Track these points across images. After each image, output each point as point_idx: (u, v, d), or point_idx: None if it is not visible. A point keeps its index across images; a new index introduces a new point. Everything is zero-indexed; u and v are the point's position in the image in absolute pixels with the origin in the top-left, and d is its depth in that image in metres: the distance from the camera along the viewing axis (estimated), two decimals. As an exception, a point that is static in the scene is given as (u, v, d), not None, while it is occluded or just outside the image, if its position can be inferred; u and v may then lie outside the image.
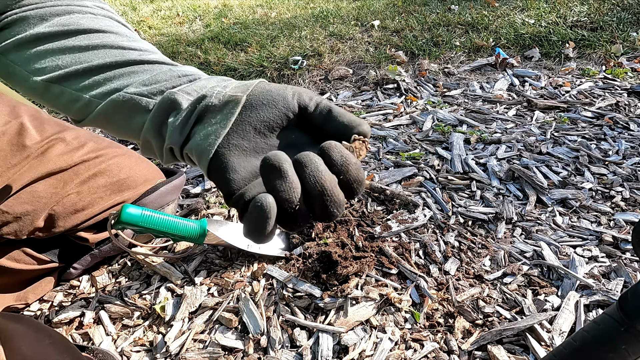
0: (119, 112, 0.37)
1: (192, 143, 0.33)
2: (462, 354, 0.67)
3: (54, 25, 0.41)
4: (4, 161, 0.67)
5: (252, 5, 2.71)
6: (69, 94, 0.39)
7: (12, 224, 0.70)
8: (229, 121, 0.32)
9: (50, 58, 0.40)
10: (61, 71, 0.39)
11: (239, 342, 0.70)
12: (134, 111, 0.36)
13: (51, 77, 0.39)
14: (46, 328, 0.58)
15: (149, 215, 0.75)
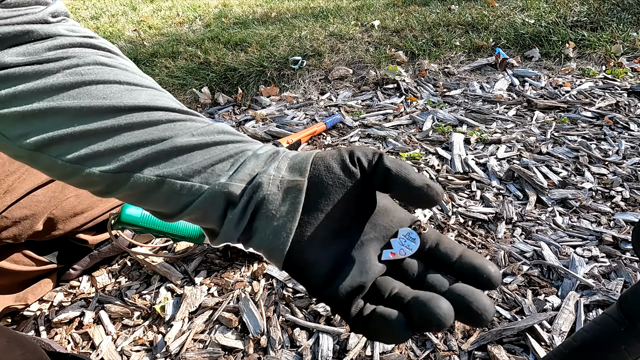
0: (143, 194, 0.30)
1: (258, 240, 0.29)
2: (462, 354, 0.67)
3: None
4: (2, 168, 0.67)
5: (252, 5, 2.71)
6: (62, 166, 0.29)
7: (11, 228, 0.70)
8: (296, 212, 0.28)
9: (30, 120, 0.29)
10: (46, 135, 0.29)
11: (239, 342, 0.70)
12: (166, 196, 0.29)
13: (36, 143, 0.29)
14: (20, 337, 0.56)
15: (148, 215, 0.75)
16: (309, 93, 1.60)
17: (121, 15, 2.83)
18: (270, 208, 0.28)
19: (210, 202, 0.29)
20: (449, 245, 0.28)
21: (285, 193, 0.28)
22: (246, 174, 0.29)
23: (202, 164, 0.29)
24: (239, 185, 0.29)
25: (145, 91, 0.32)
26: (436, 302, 0.23)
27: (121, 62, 0.35)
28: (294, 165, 0.30)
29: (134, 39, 2.27)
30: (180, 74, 1.73)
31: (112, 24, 2.63)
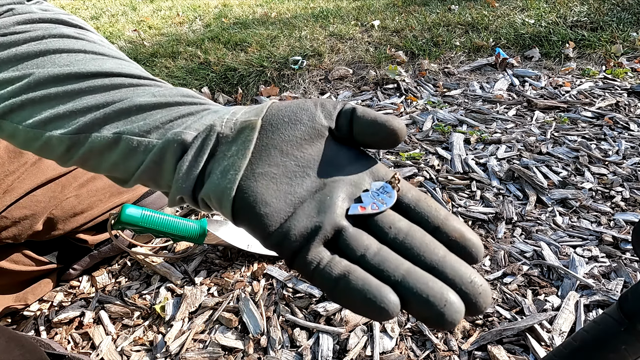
0: (101, 154, 0.28)
1: (208, 186, 0.26)
2: (462, 354, 0.67)
3: None
4: (1, 168, 0.67)
5: (252, 5, 2.71)
6: (23, 132, 0.29)
7: (10, 228, 0.70)
8: (247, 150, 0.26)
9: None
10: (8, 102, 0.29)
11: (239, 342, 0.70)
12: (123, 154, 0.28)
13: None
14: (19, 337, 0.56)
15: (148, 215, 0.75)
16: (309, 93, 1.60)
17: (121, 15, 2.83)
18: (222, 149, 0.26)
19: (164, 152, 0.27)
20: (430, 206, 0.24)
21: (237, 133, 0.27)
22: (202, 124, 0.27)
23: (161, 120, 0.28)
24: (192, 134, 0.27)
25: (112, 60, 0.32)
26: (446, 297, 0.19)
27: (91, 37, 0.35)
28: (251, 109, 0.28)
29: (134, 39, 2.27)
30: (180, 74, 1.73)
31: (112, 24, 2.63)
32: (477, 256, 0.23)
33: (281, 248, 0.23)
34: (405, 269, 0.21)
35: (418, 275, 0.21)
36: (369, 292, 0.20)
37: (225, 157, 0.26)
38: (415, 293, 0.20)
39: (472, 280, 0.21)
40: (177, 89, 0.30)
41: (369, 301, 0.20)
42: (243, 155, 0.25)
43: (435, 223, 0.23)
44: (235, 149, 0.26)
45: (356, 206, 0.24)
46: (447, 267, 0.21)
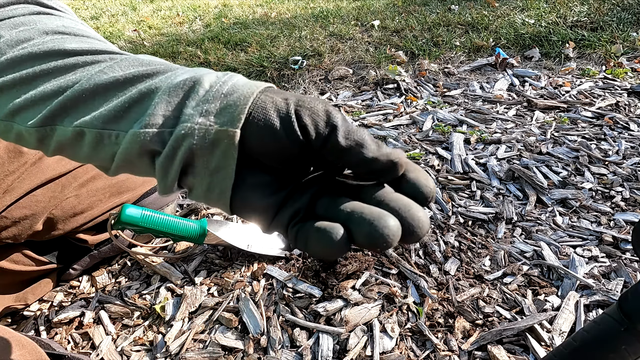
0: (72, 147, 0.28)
1: (196, 197, 0.26)
2: (462, 354, 0.67)
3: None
4: (1, 168, 0.67)
5: (252, 5, 2.71)
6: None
7: (10, 228, 0.70)
8: (230, 169, 0.24)
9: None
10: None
11: (239, 342, 0.70)
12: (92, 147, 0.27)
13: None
14: (19, 338, 0.56)
15: (148, 215, 0.75)
16: (309, 93, 1.60)
17: (121, 15, 2.83)
18: (200, 163, 0.25)
19: (130, 155, 0.25)
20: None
21: (212, 145, 0.24)
22: (159, 115, 0.25)
23: (115, 108, 0.26)
24: (152, 132, 0.24)
25: (72, 37, 0.30)
26: (385, 222, 0.22)
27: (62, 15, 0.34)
28: (225, 108, 0.25)
29: (134, 39, 2.27)
30: (180, 74, 1.73)
31: (112, 24, 2.63)
32: (427, 196, 0.25)
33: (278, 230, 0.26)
34: (351, 207, 0.24)
35: (359, 207, 0.23)
36: (322, 232, 0.23)
37: (205, 171, 0.25)
38: (356, 220, 0.23)
39: (406, 204, 0.23)
40: (130, 59, 0.28)
41: (322, 238, 0.22)
42: (227, 176, 0.25)
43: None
44: (215, 165, 0.25)
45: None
46: (389, 199, 0.24)
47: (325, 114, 0.24)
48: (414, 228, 0.22)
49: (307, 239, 0.23)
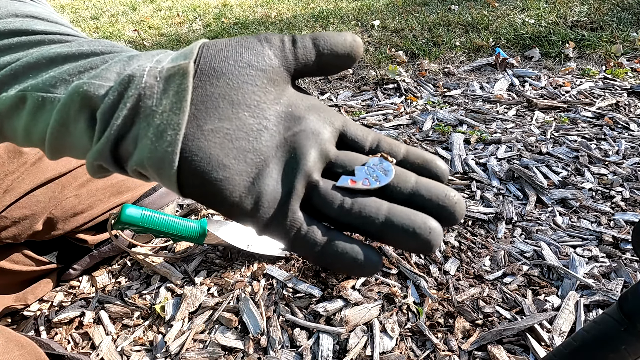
0: (10, 118, 0.25)
1: (140, 152, 0.21)
2: (462, 354, 0.67)
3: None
4: (1, 168, 0.67)
5: (252, 5, 2.71)
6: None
7: (10, 228, 0.70)
8: (184, 102, 0.21)
9: None
10: None
11: (239, 342, 0.70)
12: (31, 114, 0.24)
13: None
14: (18, 338, 0.56)
15: (148, 215, 0.75)
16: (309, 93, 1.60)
17: (121, 15, 2.83)
18: (149, 104, 0.21)
19: (68, 110, 0.22)
20: (390, 144, 0.25)
21: (166, 82, 0.22)
22: (113, 72, 0.22)
23: (69, 71, 0.23)
24: (102, 84, 0.22)
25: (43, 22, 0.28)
26: (429, 225, 0.21)
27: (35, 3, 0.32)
28: (178, 54, 0.23)
29: (134, 39, 2.27)
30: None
31: (112, 24, 2.63)
32: (442, 175, 0.24)
33: (252, 216, 0.21)
34: (386, 210, 0.21)
35: (399, 212, 0.21)
36: (354, 255, 0.21)
37: (154, 114, 0.21)
38: (402, 229, 0.21)
39: (446, 194, 0.22)
40: (98, 41, 0.26)
41: (355, 263, 0.21)
42: (180, 109, 0.21)
43: (399, 156, 0.24)
44: (166, 102, 0.21)
45: (346, 179, 0.22)
46: (423, 190, 0.22)
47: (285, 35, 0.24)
48: (458, 209, 0.22)
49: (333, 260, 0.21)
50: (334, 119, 0.25)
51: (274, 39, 0.24)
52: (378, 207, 0.21)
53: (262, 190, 0.21)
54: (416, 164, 0.24)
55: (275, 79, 0.23)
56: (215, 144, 0.21)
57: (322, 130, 0.23)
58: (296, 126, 0.23)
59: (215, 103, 0.22)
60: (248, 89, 0.22)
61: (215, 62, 0.22)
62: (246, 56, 0.23)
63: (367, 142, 0.25)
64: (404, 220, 0.21)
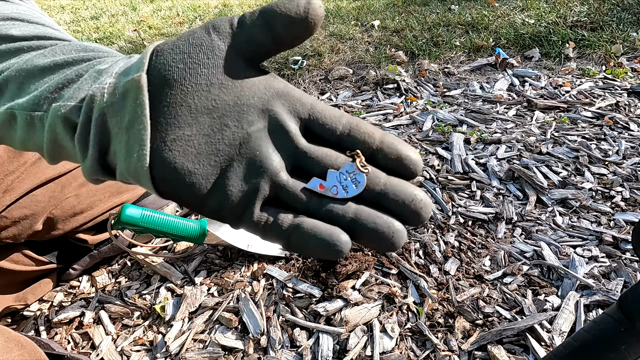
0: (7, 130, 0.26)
1: (120, 167, 0.23)
2: (462, 354, 0.67)
3: None
4: (1, 168, 0.67)
5: (252, 5, 2.71)
6: None
7: (10, 228, 0.70)
8: (143, 117, 0.21)
9: None
10: None
11: (239, 342, 0.70)
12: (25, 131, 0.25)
13: None
14: (18, 338, 0.56)
15: (148, 215, 0.75)
16: (309, 93, 1.60)
17: (121, 15, 2.83)
18: (114, 122, 0.22)
19: (54, 131, 0.24)
20: (364, 132, 0.23)
21: (123, 99, 0.22)
22: (84, 90, 0.23)
23: (49, 89, 0.24)
24: (76, 105, 0.23)
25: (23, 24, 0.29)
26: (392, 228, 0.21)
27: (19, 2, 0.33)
28: (134, 63, 0.23)
29: (134, 39, 2.27)
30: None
31: (112, 24, 2.63)
32: (415, 171, 0.24)
33: (221, 214, 0.22)
34: (353, 212, 0.22)
35: (365, 215, 0.22)
36: (322, 237, 0.21)
37: (121, 132, 0.22)
38: (366, 230, 0.22)
39: (413, 198, 0.22)
40: (74, 45, 0.27)
41: (323, 244, 0.21)
42: (141, 125, 0.21)
43: (373, 147, 0.23)
44: (128, 119, 0.22)
45: (316, 183, 0.23)
46: (390, 192, 0.23)
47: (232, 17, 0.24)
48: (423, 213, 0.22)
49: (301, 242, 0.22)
50: (299, 106, 0.23)
51: (222, 26, 0.23)
52: (345, 210, 0.22)
53: (227, 192, 0.22)
54: (389, 158, 0.23)
55: (230, 72, 0.23)
56: (179, 153, 0.22)
57: (288, 123, 0.23)
58: (260, 121, 0.23)
59: (173, 111, 0.22)
60: (203, 90, 0.22)
61: (166, 70, 0.22)
62: (195, 55, 0.22)
63: (338, 128, 0.23)
64: (369, 224, 0.22)
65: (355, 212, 0.22)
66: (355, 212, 0.22)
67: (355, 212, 0.22)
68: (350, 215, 0.22)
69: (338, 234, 0.21)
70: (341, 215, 0.22)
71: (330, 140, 0.24)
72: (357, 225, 0.22)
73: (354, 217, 0.22)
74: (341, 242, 0.21)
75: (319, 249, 0.21)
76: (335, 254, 0.21)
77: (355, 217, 0.22)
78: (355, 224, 0.22)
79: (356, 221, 0.22)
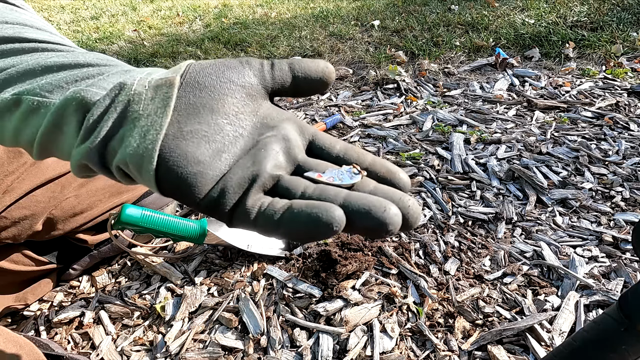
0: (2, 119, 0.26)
1: (124, 150, 0.23)
2: (462, 354, 0.67)
3: None
4: (1, 169, 0.67)
5: (252, 5, 2.71)
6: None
7: (10, 228, 0.70)
8: (167, 107, 0.23)
9: None
10: None
11: (239, 342, 0.70)
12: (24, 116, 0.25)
13: None
14: (16, 338, 0.56)
15: (148, 215, 0.75)
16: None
17: (121, 15, 2.83)
18: (136, 109, 0.23)
19: (63, 112, 0.24)
20: (357, 152, 0.26)
21: (154, 91, 0.24)
22: (110, 82, 0.25)
23: (66, 79, 0.25)
24: (97, 92, 0.24)
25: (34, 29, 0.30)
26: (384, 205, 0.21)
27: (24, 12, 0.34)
28: (168, 70, 0.25)
29: (134, 39, 2.27)
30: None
31: (112, 24, 2.63)
32: (404, 187, 0.25)
33: (219, 204, 0.22)
34: (345, 194, 0.22)
35: (357, 196, 0.22)
36: (314, 211, 0.20)
37: (140, 117, 0.23)
38: (358, 208, 0.21)
39: (401, 198, 0.23)
40: (93, 53, 0.28)
41: (316, 219, 0.20)
42: (163, 113, 0.23)
43: (365, 164, 0.25)
44: (152, 107, 0.23)
45: (315, 173, 0.24)
46: (379, 192, 0.23)
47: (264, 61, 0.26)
48: (415, 218, 0.22)
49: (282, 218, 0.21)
50: (305, 129, 0.27)
51: (254, 62, 0.27)
52: (337, 192, 0.23)
53: (228, 179, 0.23)
54: (381, 173, 0.25)
55: (253, 94, 0.26)
56: (193, 143, 0.23)
57: (293, 136, 0.26)
58: (269, 132, 0.25)
59: (196, 110, 0.24)
60: (228, 100, 0.25)
61: (199, 77, 0.25)
62: (228, 74, 0.25)
63: (335, 150, 0.26)
64: (360, 201, 0.22)
65: (347, 195, 0.22)
66: (347, 195, 0.22)
67: (347, 195, 0.22)
68: (342, 196, 0.22)
69: (332, 209, 0.20)
70: (333, 196, 0.22)
71: (328, 160, 0.26)
72: (348, 204, 0.22)
73: (346, 197, 0.22)
74: (335, 217, 0.20)
75: (312, 226, 0.20)
76: (329, 230, 0.20)
77: (347, 198, 0.22)
78: (346, 203, 0.22)
79: (349, 202, 0.22)
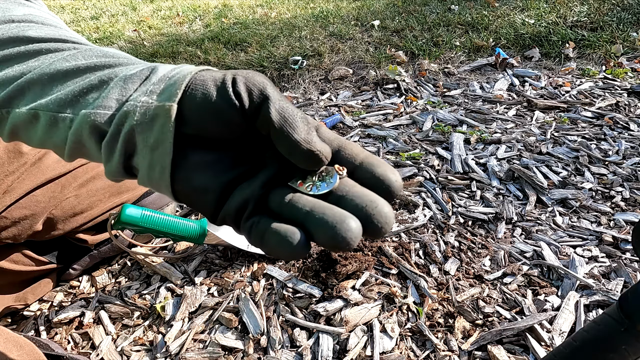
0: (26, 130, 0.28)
1: (141, 178, 0.26)
2: (462, 354, 0.67)
3: None
4: (1, 169, 0.67)
5: (252, 5, 2.71)
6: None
7: (10, 228, 0.70)
8: (168, 143, 0.24)
9: None
10: None
11: (239, 342, 0.70)
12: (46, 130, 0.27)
13: None
14: (17, 338, 0.56)
15: (148, 215, 0.75)
16: (309, 93, 1.60)
17: (121, 15, 2.83)
18: (140, 140, 0.25)
19: (80, 135, 0.26)
20: (351, 151, 0.26)
21: (152, 120, 0.25)
22: (113, 99, 0.26)
23: (73, 92, 0.26)
24: (104, 113, 0.25)
25: (39, 26, 0.31)
26: (347, 225, 0.21)
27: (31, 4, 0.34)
28: (166, 87, 0.25)
29: (134, 39, 2.27)
30: (180, 74, 1.73)
31: (112, 24, 2.63)
32: (389, 187, 0.24)
33: (226, 222, 0.25)
34: (309, 207, 0.23)
35: (319, 208, 0.23)
36: (281, 236, 0.22)
37: (146, 148, 0.25)
38: (315, 224, 0.22)
39: (367, 205, 0.23)
40: (94, 50, 0.29)
41: (284, 242, 0.22)
42: (166, 150, 0.24)
43: (355, 163, 0.25)
44: (153, 140, 0.25)
45: (297, 180, 0.26)
46: (350, 194, 0.23)
47: (261, 84, 0.25)
48: (382, 225, 0.22)
49: (262, 239, 0.23)
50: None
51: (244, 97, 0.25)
52: (304, 204, 0.23)
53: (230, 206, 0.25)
54: (368, 172, 0.25)
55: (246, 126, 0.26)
56: (199, 174, 0.25)
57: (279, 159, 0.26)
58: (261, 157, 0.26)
59: (199, 139, 0.25)
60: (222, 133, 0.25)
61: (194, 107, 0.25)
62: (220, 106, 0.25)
63: (332, 145, 0.26)
64: (319, 216, 0.22)
65: (312, 207, 0.23)
66: (312, 207, 0.23)
67: (312, 207, 0.23)
68: (307, 208, 0.23)
69: (295, 235, 0.22)
70: (300, 208, 0.23)
71: None
72: (309, 216, 0.23)
73: (309, 212, 0.23)
74: (295, 240, 0.22)
75: (282, 249, 0.22)
76: (295, 253, 0.22)
77: (310, 212, 0.23)
78: (307, 216, 0.23)
79: (311, 216, 0.23)
